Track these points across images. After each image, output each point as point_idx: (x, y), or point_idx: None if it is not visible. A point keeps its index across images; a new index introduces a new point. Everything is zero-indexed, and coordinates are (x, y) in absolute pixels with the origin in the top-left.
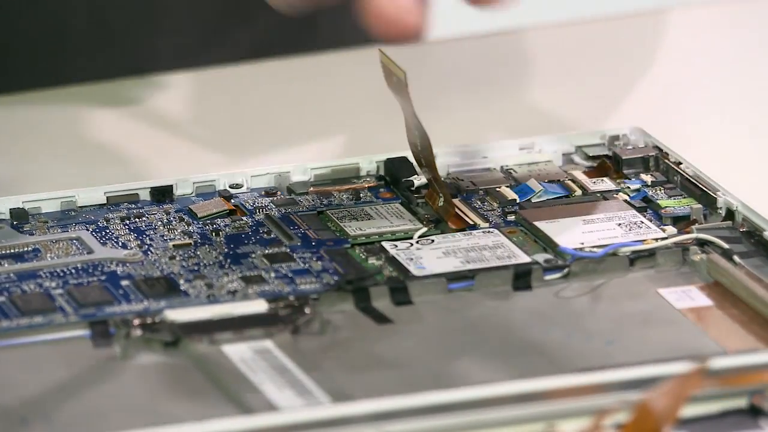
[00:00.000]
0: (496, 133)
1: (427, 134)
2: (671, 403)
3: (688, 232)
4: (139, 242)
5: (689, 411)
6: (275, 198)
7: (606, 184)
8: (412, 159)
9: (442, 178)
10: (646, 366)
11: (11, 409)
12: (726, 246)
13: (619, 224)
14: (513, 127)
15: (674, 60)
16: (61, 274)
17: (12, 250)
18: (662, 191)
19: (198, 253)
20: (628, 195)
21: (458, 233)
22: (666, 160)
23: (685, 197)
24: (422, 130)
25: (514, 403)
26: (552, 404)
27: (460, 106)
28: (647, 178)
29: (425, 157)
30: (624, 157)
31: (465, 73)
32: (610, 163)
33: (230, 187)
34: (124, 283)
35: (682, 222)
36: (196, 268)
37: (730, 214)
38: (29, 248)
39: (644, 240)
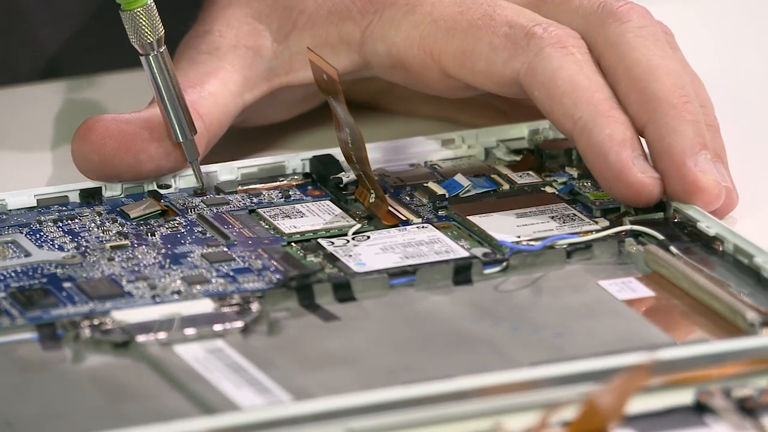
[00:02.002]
0: (418, 129)
1: (360, 131)
2: (618, 399)
3: (620, 224)
4: (75, 244)
5: (635, 407)
6: (205, 197)
7: (532, 177)
8: (337, 156)
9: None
10: (596, 359)
11: None
12: (661, 237)
13: (552, 217)
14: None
15: None
16: (1, 278)
17: None
18: (589, 184)
19: (136, 253)
20: (556, 188)
21: (392, 229)
22: None
23: None
24: (354, 126)
25: (468, 399)
26: (499, 400)
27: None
28: (572, 171)
29: (356, 153)
30: (546, 151)
31: None
32: (533, 157)
33: (159, 187)
34: (66, 285)
35: (612, 214)
36: (136, 268)
37: (661, 205)
38: None
39: (580, 232)
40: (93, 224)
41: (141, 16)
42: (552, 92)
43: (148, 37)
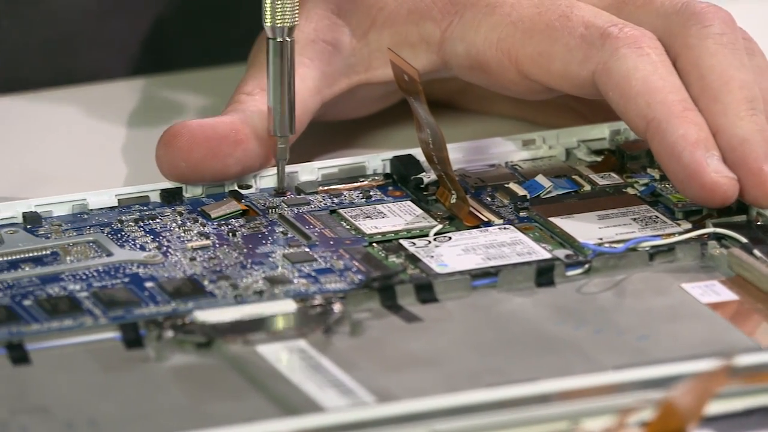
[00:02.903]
0: (497, 130)
1: (441, 131)
2: (696, 400)
3: (703, 227)
4: (156, 244)
5: (714, 408)
6: (286, 198)
7: (613, 178)
8: (418, 156)
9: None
10: (680, 363)
11: (55, 413)
12: (744, 240)
13: (634, 219)
14: (513, 124)
15: None
16: (84, 277)
17: (31, 254)
18: (671, 185)
19: (218, 253)
20: (637, 190)
21: (474, 230)
22: None
23: None
24: (435, 127)
25: (552, 402)
26: (583, 403)
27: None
28: (654, 173)
29: (437, 154)
30: (628, 152)
31: None
32: (614, 158)
33: (240, 187)
34: (149, 284)
35: (694, 216)
36: (218, 268)
37: (743, 208)
38: (47, 252)
39: (662, 234)
40: (174, 224)
41: (280, 0)
42: (626, 92)
43: (279, 21)
